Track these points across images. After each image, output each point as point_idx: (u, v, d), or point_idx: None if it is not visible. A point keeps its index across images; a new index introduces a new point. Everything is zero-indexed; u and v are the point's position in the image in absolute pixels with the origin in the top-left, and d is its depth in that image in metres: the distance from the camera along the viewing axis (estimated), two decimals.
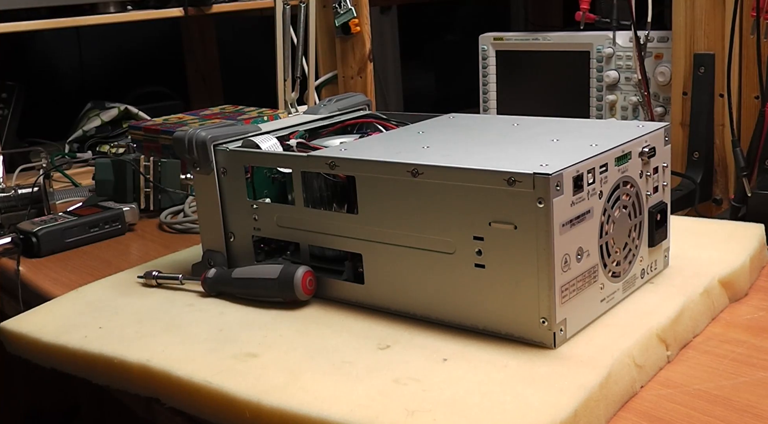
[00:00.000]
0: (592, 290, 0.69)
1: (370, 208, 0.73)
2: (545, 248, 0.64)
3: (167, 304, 0.82)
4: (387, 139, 0.82)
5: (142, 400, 0.71)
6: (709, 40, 1.18)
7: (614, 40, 1.40)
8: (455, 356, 0.66)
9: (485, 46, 1.59)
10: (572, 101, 1.49)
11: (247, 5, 1.64)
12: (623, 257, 0.73)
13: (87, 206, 1.17)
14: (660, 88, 1.34)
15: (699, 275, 0.78)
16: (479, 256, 0.67)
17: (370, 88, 1.49)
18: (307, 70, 1.43)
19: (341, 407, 0.59)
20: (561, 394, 0.59)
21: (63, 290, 0.90)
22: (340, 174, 0.75)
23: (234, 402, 0.63)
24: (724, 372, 0.65)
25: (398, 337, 0.70)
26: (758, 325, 0.73)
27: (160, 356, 0.70)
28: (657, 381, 0.65)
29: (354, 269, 0.77)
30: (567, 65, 1.48)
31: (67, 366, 0.76)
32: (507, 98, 1.59)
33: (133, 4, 1.51)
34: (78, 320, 0.80)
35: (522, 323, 0.66)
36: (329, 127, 0.92)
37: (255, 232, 0.82)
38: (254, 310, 0.78)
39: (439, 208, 0.69)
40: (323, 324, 0.74)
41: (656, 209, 0.77)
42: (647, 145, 0.74)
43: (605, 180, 0.69)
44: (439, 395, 0.60)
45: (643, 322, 0.69)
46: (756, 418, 0.58)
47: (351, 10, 1.44)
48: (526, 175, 0.63)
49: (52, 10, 1.41)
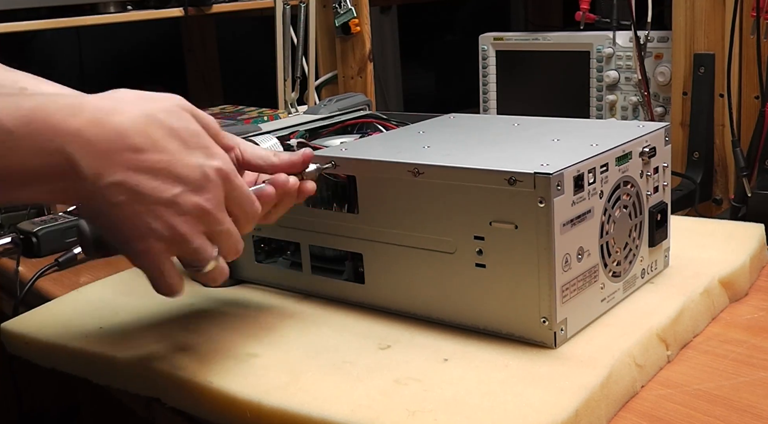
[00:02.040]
0: (593, 290, 0.69)
1: (371, 208, 0.73)
2: (546, 248, 0.64)
3: (168, 304, 0.82)
4: (387, 139, 0.82)
5: (142, 400, 0.71)
6: (709, 40, 1.18)
7: (614, 40, 1.40)
8: (456, 356, 0.66)
9: (485, 46, 1.59)
10: (572, 101, 1.49)
11: (247, 5, 1.64)
12: (623, 256, 0.73)
13: None
14: (660, 88, 1.34)
15: (699, 275, 0.78)
16: (480, 255, 0.67)
17: (370, 88, 1.49)
18: (307, 70, 1.43)
19: (342, 407, 0.59)
20: (562, 394, 0.59)
21: (63, 290, 0.90)
22: (341, 174, 0.75)
23: (235, 402, 0.63)
24: (724, 372, 0.65)
25: (399, 337, 0.70)
26: (758, 325, 0.73)
27: (160, 356, 0.70)
28: (657, 381, 0.65)
29: (354, 269, 0.77)
30: (567, 65, 1.48)
31: (67, 366, 0.76)
32: (507, 98, 1.59)
33: (133, 4, 1.51)
34: (78, 320, 0.80)
35: (523, 322, 0.66)
36: (329, 127, 0.92)
37: (255, 231, 0.82)
38: (255, 310, 0.79)
39: (440, 207, 0.69)
40: (323, 324, 0.74)
41: (656, 209, 0.77)
42: (647, 145, 0.74)
43: (606, 180, 0.69)
44: (440, 395, 0.60)
45: (643, 322, 0.69)
46: (756, 418, 0.58)
47: (351, 10, 1.44)
48: (526, 175, 0.63)
49: (52, 10, 1.41)
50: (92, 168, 0.54)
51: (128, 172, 0.55)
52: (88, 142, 0.54)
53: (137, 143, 0.56)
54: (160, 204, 0.57)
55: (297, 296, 0.81)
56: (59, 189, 0.55)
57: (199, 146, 0.59)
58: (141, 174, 0.56)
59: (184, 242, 0.58)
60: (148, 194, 0.56)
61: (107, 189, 0.55)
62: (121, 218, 0.56)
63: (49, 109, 0.54)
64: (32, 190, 0.55)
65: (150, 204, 0.56)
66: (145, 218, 0.56)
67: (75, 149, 0.54)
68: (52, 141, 0.53)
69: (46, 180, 0.54)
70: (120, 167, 0.55)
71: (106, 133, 0.55)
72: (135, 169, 0.56)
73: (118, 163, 0.55)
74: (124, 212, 0.56)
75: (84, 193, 0.55)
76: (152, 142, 0.56)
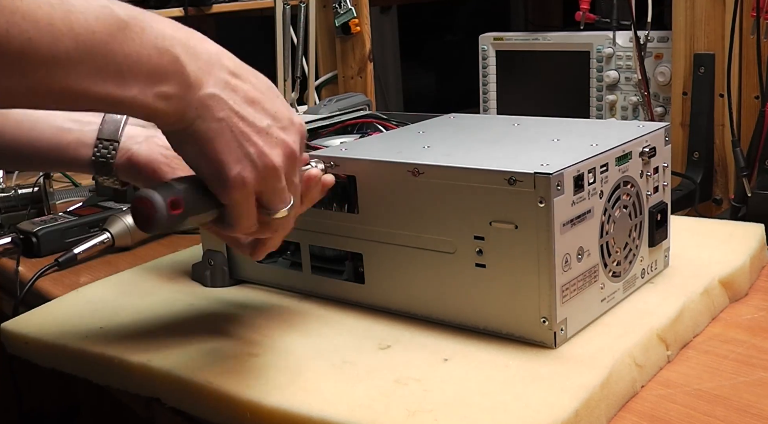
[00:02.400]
0: (593, 290, 0.69)
1: (371, 207, 0.73)
2: (546, 248, 0.64)
3: (167, 304, 0.82)
4: (387, 139, 0.82)
5: (142, 400, 0.71)
6: (709, 40, 1.18)
7: (614, 40, 1.40)
8: (456, 356, 0.66)
9: (485, 46, 1.59)
10: (572, 101, 1.49)
11: (247, 5, 1.64)
12: (623, 256, 0.73)
13: (87, 206, 1.17)
14: (660, 88, 1.34)
15: (699, 275, 0.78)
16: (480, 255, 0.67)
17: (370, 88, 1.49)
18: (307, 70, 1.43)
19: (342, 407, 0.59)
20: (562, 394, 0.59)
21: (63, 290, 0.90)
22: (341, 174, 0.75)
23: (234, 402, 0.63)
24: (724, 372, 0.65)
25: (399, 337, 0.70)
26: (758, 325, 0.73)
27: (160, 356, 0.70)
28: (657, 381, 0.64)
29: (354, 268, 0.77)
30: (567, 65, 1.48)
31: (67, 366, 0.76)
32: (507, 98, 1.59)
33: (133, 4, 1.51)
34: (78, 320, 0.80)
35: (523, 322, 0.66)
36: (329, 127, 0.92)
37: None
38: (255, 310, 0.79)
39: (440, 207, 0.69)
40: (323, 324, 0.74)
41: (656, 209, 0.77)
42: (647, 145, 0.74)
43: (606, 180, 0.69)
44: (440, 395, 0.60)
45: (643, 322, 0.69)
46: (756, 418, 0.58)
47: (351, 10, 1.44)
48: (526, 175, 0.63)
49: None
50: (197, 74, 0.56)
51: (227, 90, 0.57)
52: (194, 49, 0.56)
53: (232, 67, 0.58)
54: (255, 131, 0.58)
55: (297, 296, 0.81)
56: (166, 94, 0.55)
57: (283, 103, 0.62)
58: (238, 96, 0.58)
59: (273, 175, 0.60)
60: (246, 118, 0.58)
61: (210, 100, 0.56)
62: (221, 136, 0.57)
63: (154, 17, 0.56)
64: (142, 88, 0.54)
65: (247, 127, 0.58)
66: (242, 141, 0.58)
67: (181, 52, 0.55)
68: (163, 40, 0.54)
69: (157, 77, 0.54)
70: (220, 83, 0.57)
71: (207, 48, 0.57)
72: (233, 89, 0.58)
73: (219, 79, 0.57)
74: (224, 130, 0.57)
75: (188, 103, 0.56)
76: (245, 72, 0.59)
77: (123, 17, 0.53)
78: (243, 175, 0.58)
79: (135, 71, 0.53)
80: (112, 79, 0.53)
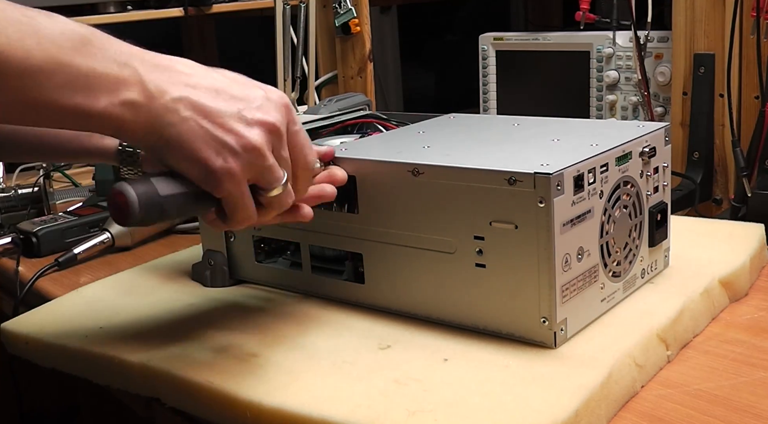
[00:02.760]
0: (593, 290, 0.69)
1: (371, 207, 0.73)
2: (546, 248, 0.64)
3: (167, 304, 0.82)
4: (387, 139, 0.83)
5: (142, 400, 0.71)
6: (709, 40, 1.18)
7: (614, 40, 1.40)
8: (456, 356, 0.66)
9: (485, 46, 1.59)
10: (572, 101, 1.49)
11: (247, 5, 1.64)
12: (623, 256, 0.73)
13: (87, 206, 1.17)
14: (660, 88, 1.34)
15: (699, 275, 0.78)
16: (480, 255, 0.67)
17: (370, 88, 1.49)
18: (307, 70, 1.43)
19: (342, 408, 0.59)
20: (562, 394, 0.59)
21: (63, 290, 0.90)
22: None
23: (235, 402, 0.63)
24: (724, 372, 0.65)
25: (399, 337, 0.70)
26: (758, 325, 0.73)
27: (160, 356, 0.70)
28: (657, 381, 0.65)
29: (354, 268, 0.77)
30: (567, 65, 1.48)
31: (67, 366, 0.76)
32: (507, 98, 1.59)
33: (133, 4, 1.51)
34: (78, 320, 0.80)
35: (523, 322, 0.66)
36: (329, 127, 0.92)
37: (255, 231, 0.82)
38: (255, 310, 0.79)
39: (440, 207, 0.69)
40: (323, 324, 0.74)
41: (656, 209, 0.77)
42: (647, 145, 0.74)
43: (606, 180, 0.69)
44: (440, 395, 0.60)
45: (643, 322, 0.69)
46: (756, 418, 0.58)
47: (351, 10, 1.44)
48: (526, 175, 0.63)
49: (53, 10, 1.41)
50: (156, 82, 0.57)
51: (188, 88, 0.58)
52: (149, 62, 0.58)
53: (187, 70, 0.60)
54: (227, 117, 0.59)
55: (297, 296, 0.81)
56: (132, 102, 0.56)
57: (255, 85, 0.63)
58: (200, 91, 0.59)
59: (258, 155, 0.60)
60: (214, 109, 0.59)
61: (174, 103, 0.58)
62: (193, 133, 0.58)
63: (110, 36, 0.58)
64: (109, 98, 0.56)
65: (217, 117, 0.59)
66: (215, 132, 0.59)
67: (138, 65, 0.57)
68: (121, 55, 0.57)
69: (121, 86, 0.56)
70: (179, 85, 0.58)
71: (160, 60, 0.59)
72: (193, 86, 0.59)
73: (177, 82, 0.58)
74: (194, 127, 0.58)
75: (153, 112, 0.57)
76: (201, 70, 0.61)
77: (85, 34, 0.56)
78: (227, 165, 0.59)
79: (100, 82, 0.55)
80: (81, 90, 0.55)
